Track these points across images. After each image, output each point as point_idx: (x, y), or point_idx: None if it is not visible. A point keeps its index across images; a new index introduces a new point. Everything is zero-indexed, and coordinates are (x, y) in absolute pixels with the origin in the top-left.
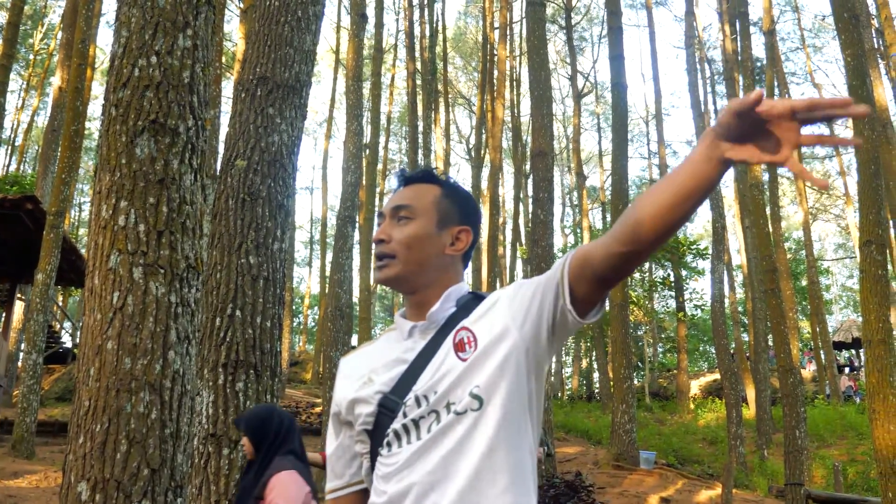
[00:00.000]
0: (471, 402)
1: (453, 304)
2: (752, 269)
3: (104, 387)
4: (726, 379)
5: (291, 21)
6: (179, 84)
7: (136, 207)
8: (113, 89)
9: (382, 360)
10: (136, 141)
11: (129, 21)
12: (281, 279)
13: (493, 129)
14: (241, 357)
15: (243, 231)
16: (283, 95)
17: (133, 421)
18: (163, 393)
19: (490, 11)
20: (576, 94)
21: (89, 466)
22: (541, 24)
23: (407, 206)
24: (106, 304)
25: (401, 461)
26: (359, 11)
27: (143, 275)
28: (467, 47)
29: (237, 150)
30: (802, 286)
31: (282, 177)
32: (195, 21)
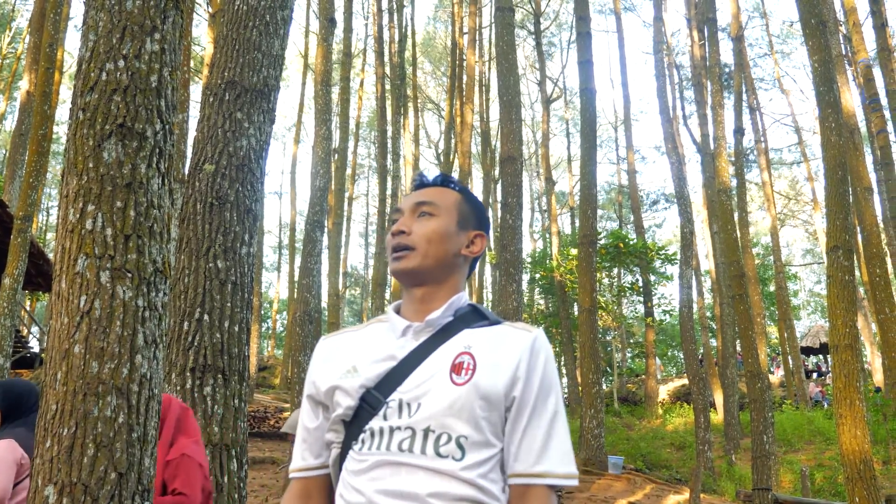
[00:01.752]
0: (454, 451)
1: (452, 314)
2: (720, 274)
3: (71, 391)
4: (694, 384)
5: (259, 25)
6: (147, 88)
7: (103, 211)
8: (80, 93)
9: (369, 352)
10: (103, 145)
11: (96, 25)
12: (249, 284)
13: (462, 135)
14: (209, 361)
15: (211, 235)
16: (251, 100)
17: (100, 425)
18: (130, 397)
19: (459, 17)
20: (545, 99)
21: (56, 470)
22: (509, 29)
23: (430, 202)
24: (73, 307)
25: (370, 462)
26: (327, 16)
27: (111, 279)
28: (436, 52)
29: (205, 155)
30: (770, 291)
31: (250, 181)
32: (163, 25)
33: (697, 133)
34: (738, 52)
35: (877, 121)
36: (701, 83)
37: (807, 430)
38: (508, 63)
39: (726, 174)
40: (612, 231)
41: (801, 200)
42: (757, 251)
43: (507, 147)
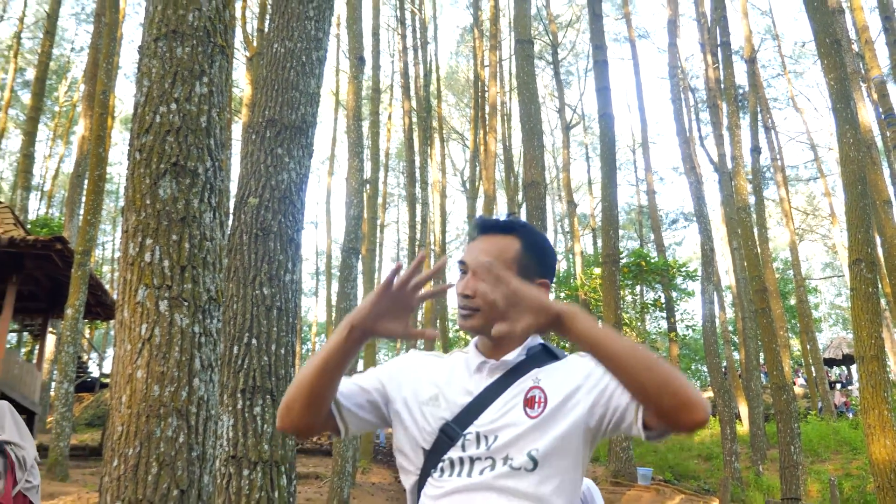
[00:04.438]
0: (526, 462)
1: (525, 354)
2: (741, 289)
3: (135, 413)
4: (719, 396)
5: (297, 66)
6: (198, 128)
7: (160, 245)
8: (137, 135)
9: (451, 383)
10: (159, 182)
11: (149, 71)
12: (293, 309)
13: (486, 162)
14: (258, 383)
15: (257, 264)
16: (290, 136)
17: (162, 445)
18: (189, 418)
19: (480, 51)
20: (564, 125)
21: (123, 488)
22: (529, 60)
23: (487, 262)
24: (135, 335)
25: (449, 489)
26: (357, 55)
27: (169, 307)
28: (459, 85)
29: (249, 189)
30: (791, 305)
31: (291, 212)
32: (210, 69)
33: (714, 153)
34: (752, 73)
35: (893, 135)
36: (716, 105)
37: (833, 441)
38: (529, 93)
39: (745, 192)
40: (634, 250)
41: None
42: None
43: (531, 173)
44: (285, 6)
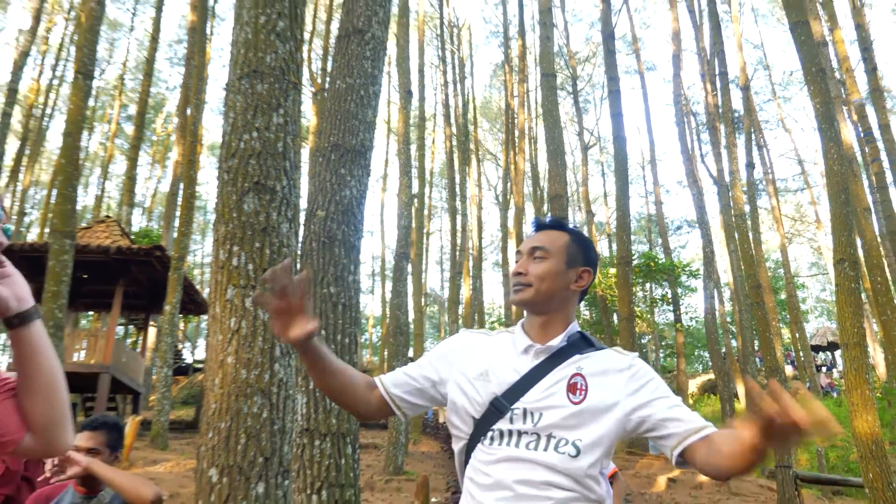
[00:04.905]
0: (570, 449)
1: (566, 340)
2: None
3: (226, 393)
4: (720, 378)
5: (356, 99)
6: (275, 152)
7: (245, 251)
8: (224, 159)
9: (500, 361)
10: (243, 199)
11: (234, 105)
12: (355, 304)
13: (516, 178)
14: None
15: (324, 267)
16: (351, 158)
17: (249, 419)
18: (271, 397)
19: (510, 83)
20: (583, 146)
21: (217, 455)
22: (552, 91)
23: (543, 247)
24: (225, 327)
25: (500, 456)
26: (406, 89)
27: (253, 304)
28: (492, 113)
29: (317, 203)
30: (782, 299)
31: (353, 223)
32: (285, 102)
33: (714, 168)
34: (746, 99)
35: (871, 151)
36: (715, 127)
37: None
38: (553, 119)
39: (741, 201)
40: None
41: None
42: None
43: (555, 187)
44: (346, 48)
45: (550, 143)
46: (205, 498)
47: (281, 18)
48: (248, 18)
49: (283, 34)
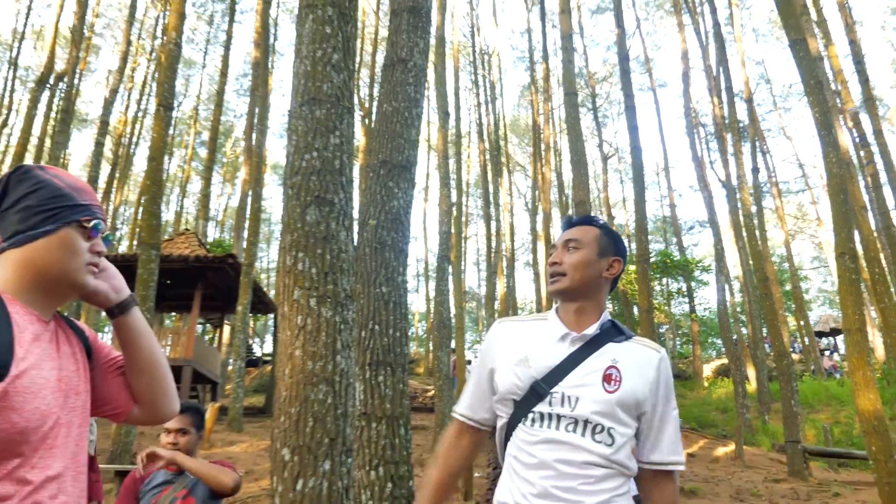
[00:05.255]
0: (606, 438)
1: (599, 328)
2: (746, 278)
3: (295, 382)
4: (732, 362)
5: (401, 120)
6: (333, 169)
7: (309, 257)
8: (289, 176)
9: (537, 347)
10: (306, 211)
11: (297, 129)
12: (404, 302)
13: (543, 187)
14: (381, 358)
15: (377, 269)
16: (398, 173)
17: (315, 405)
18: (334, 385)
19: (536, 102)
20: (603, 156)
21: (288, 437)
22: (574, 108)
23: (576, 239)
24: (293, 324)
25: (541, 437)
26: (444, 110)
27: (317, 303)
28: (520, 129)
29: (369, 213)
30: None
31: (401, 230)
32: (340, 125)
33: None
34: (750, 110)
35: (866, 154)
36: (722, 136)
37: (824, 395)
38: (575, 133)
39: (748, 203)
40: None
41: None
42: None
43: (579, 194)
44: (391, 76)
45: (574, 154)
46: (279, 474)
47: (335, 52)
48: (307, 53)
49: (337, 65)
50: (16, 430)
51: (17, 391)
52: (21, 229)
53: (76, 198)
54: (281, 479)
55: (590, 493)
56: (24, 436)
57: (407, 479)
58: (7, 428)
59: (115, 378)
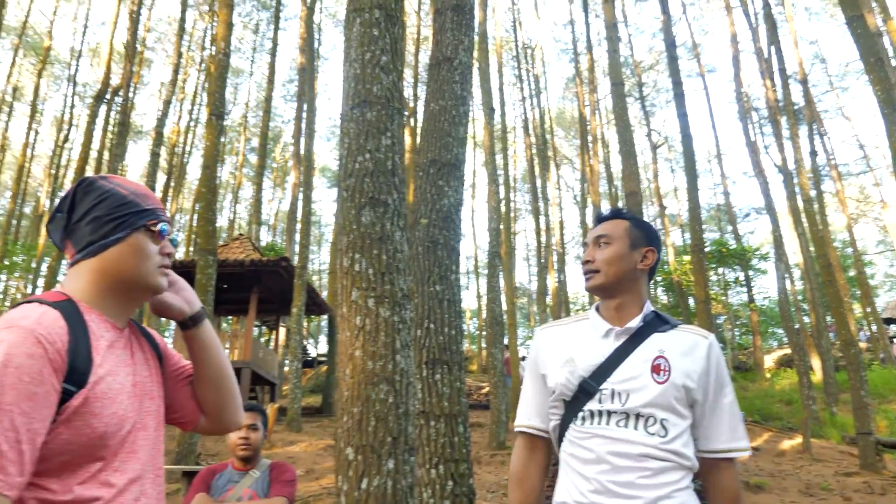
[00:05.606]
0: (659, 429)
1: (642, 320)
2: (808, 265)
3: (356, 381)
4: (796, 352)
5: (448, 118)
6: (385, 170)
7: (365, 258)
8: (343, 178)
9: (581, 347)
10: (361, 212)
11: (349, 132)
12: (458, 300)
13: (592, 179)
14: (437, 356)
15: (430, 268)
16: (448, 171)
17: (377, 404)
18: (395, 384)
19: (581, 94)
20: (652, 146)
21: (351, 436)
22: (622, 98)
23: (606, 235)
24: (352, 325)
25: (593, 434)
26: (489, 106)
27: (375, 304)
28: (566, 122)
29: (420, 212)
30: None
31: (452, 228)
32: (391, 126)
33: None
34: (806, 91)
35: None
36: (776, 120)
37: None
38: (623, 123)
39: (807, 187)
40: (715, 240)
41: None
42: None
43: (629, 185)
44: (437, 74)
45: (623, 144)
46: (343, 473)
47: (384, 53)
48: (356, 56)
49: (386, 67)
50: (96, 434)
51: (96, 397)
52: (94, 239)
53: (141, 204)
54: (346, 477)
55: (648, 486)
56: (104, 440)
57: (467, 477)
58: (88, 433)
59: (184, 387)
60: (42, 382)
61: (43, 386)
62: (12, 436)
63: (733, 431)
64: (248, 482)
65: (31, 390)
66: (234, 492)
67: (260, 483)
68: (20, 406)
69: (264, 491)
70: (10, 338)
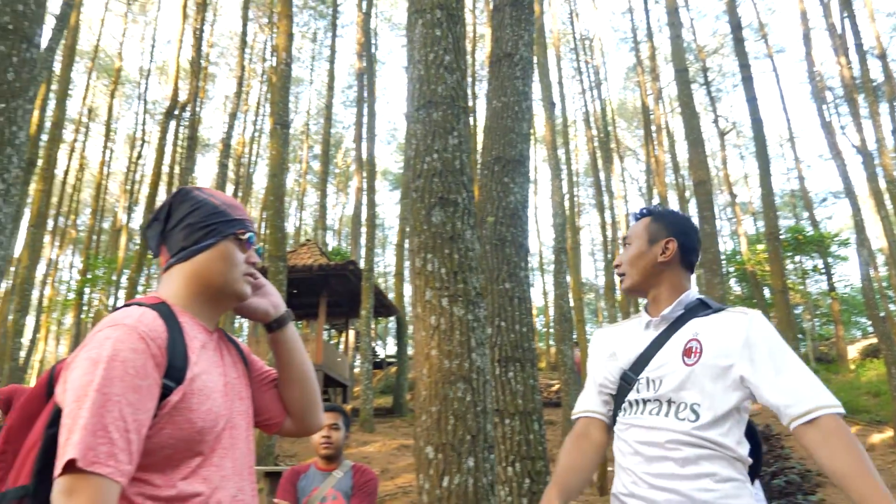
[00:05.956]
0: (689, 414)
1: (682, 308)
2: (893, 250)
3: (434, 381)
4: (883, 342)
5: (511, 115)
6: (454, 170)
7: (437, 257)
8: (412, 180)
9: (625, 341)
10: (431, 212)
11: (415, 133)
12: (528, 297)
13: (657, 170)
14: (509, 354)
15: (499, 266)
16: (512, 168)
17: (455, 403)
18: (472, 382)
19: (644, 83)
20: (719, 132)
21: (431, 435)
22: (687, 85)
23: (628, 236)
24: (427, 324)
25: (630, 424)
26: (549, 101)
27: (449, 303)
28: (628, 113)
29: (486, 210)
30: None
31: (519, 225)
32: (458, 125)
33: (856, 138)
34: (885, 67)
35: None
36: (853, 98)
37: None
38: (689, 110)
39: (890, 168)
40: (791, 227)
41: None
42: None
43: (698, 174)
44: (498, 71)
45: (689, 132)
46: (424, 472)
47: (447, 53)
48: (420, 57)
49: (449, 67)
50: (195, 429)
51: (193, 393)
52: (186, 245)
53: (231, 213)
54: (427, 476)
55: (683, 477)
56: (202, 435)
57: (544, 475)
58: (188, 428)
59: (269, 391)
60: (146, 376)
61: (147, 379)
62: (122, 425)
63: (813, 390)
64: (332, 482)
65: (137, 383)
66: (319, 492)
67: (343, 483)
68: (127, 398)
69: (347, 492)
70: (115, 334)
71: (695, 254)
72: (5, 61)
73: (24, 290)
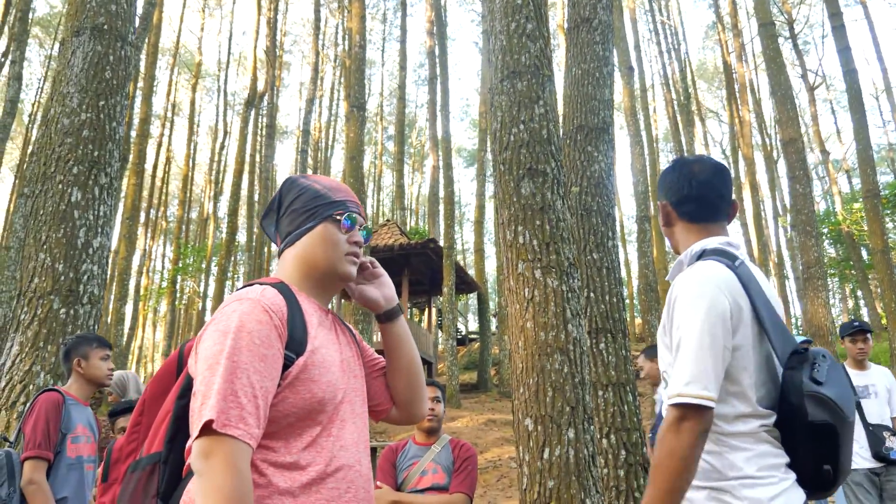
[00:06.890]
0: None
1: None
2: None
3: (530, 353)
4: None
5: (592, 81)
6: (541, 139)
7: (528, 229)
8: (499, 152)
9: None
10: (520, 184)
11: (501, 104)
12: (617, 266)
13: (742, 131)
14: (600, 325)
15: (586, 236)
16: (596, 136)
17: (553, 375)
18: (569, 354)
19: (724, 41)
20: (808, 87)
21: (529, 408)
22: (773, 39)
23: None
24: (521, 297)
25: None
26: (627, 66)
27: (542, 274)
28: (708, 73)
29: (571, 181)
30: None
31: (605, 194)
32: (543, 94)
33: None
34: None
35: None
36: None
37: None
38: (777, 66)
39: None
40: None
41: None
42: None
43: (788, 132)
44: (577, 37)
45: (777, 89)
46: (524, 444)
47: (528, 21)
48: (501, 27)
49: (532, 34)
50: (316, 399)
51: (313, 364)
52: (291, 230)
53: (331, 196)
54: (527, 448)
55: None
56: (322, 405)
57: (640, 446)
58: (309, 397)
59: (378, 378)
60: (271, 346)
61: (272, 349)
62: (250, 391)
63: (679, 375)
64: (431, 456)
65: (263, 352)
66: (419, 466)
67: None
68: (254, 366)
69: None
70: (241, 308)
71: (688, 203)
72: (103, 60)
73: (123, 280)
